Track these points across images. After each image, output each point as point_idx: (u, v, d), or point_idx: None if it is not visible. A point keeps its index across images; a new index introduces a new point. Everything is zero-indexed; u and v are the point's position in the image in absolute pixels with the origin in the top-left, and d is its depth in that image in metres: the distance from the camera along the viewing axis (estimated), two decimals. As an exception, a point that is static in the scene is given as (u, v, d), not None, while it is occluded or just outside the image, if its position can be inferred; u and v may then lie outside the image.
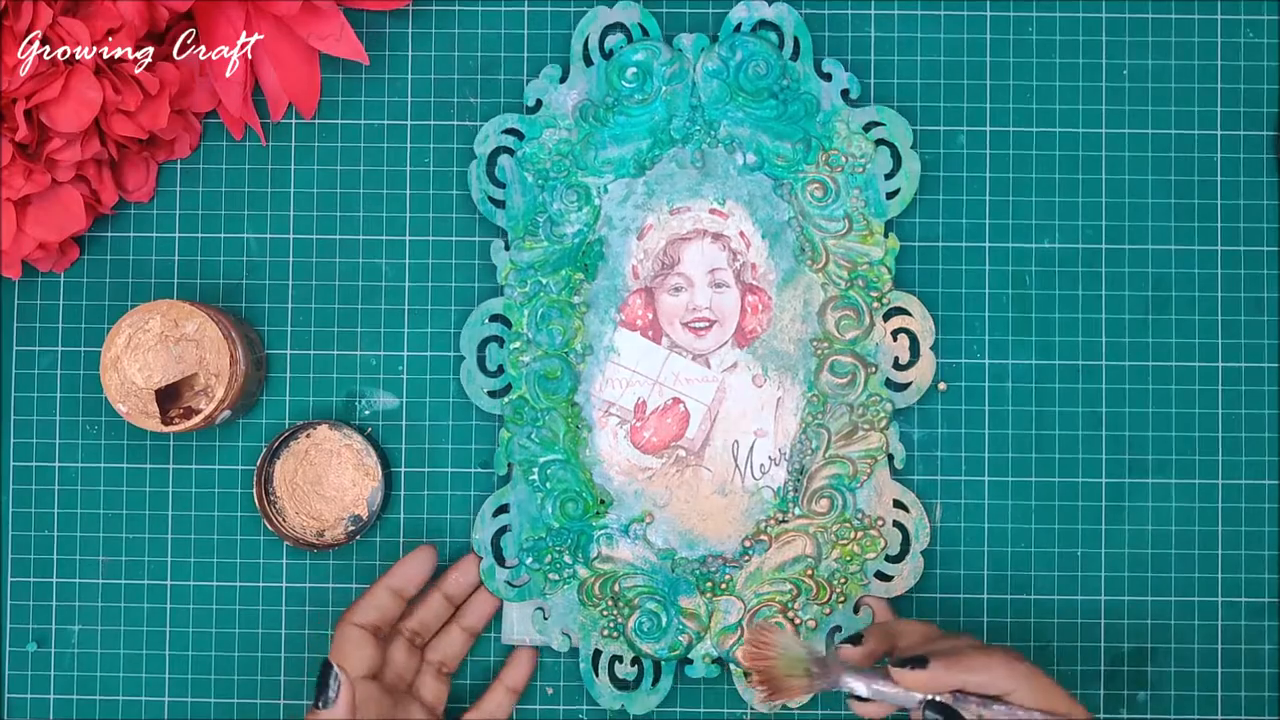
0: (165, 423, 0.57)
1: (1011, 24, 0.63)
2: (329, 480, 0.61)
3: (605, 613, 0.60)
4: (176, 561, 0.62)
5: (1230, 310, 0.62)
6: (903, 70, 0.62)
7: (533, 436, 0.61)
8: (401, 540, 0.62)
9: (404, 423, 0.62)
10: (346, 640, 0.56)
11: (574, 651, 0.61)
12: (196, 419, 0.57)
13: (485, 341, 0.61)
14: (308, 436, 0.61)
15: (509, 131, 0.62)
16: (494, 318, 0.61)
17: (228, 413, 0.59)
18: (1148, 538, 0.62)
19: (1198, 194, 0.63)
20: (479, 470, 0.62)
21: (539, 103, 0.62)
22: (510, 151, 0.61)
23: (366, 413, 0.62)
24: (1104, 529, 0.62)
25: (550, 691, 0.62)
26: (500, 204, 0.61)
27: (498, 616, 0.61)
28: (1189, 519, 0.62)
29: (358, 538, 0.61)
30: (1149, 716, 0.61)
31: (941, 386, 0.62)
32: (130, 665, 0.62)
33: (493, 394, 0.61)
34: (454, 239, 0.63)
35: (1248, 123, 0.63)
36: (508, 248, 0.61)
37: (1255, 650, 0.62)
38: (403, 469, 0.62)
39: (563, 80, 0.62)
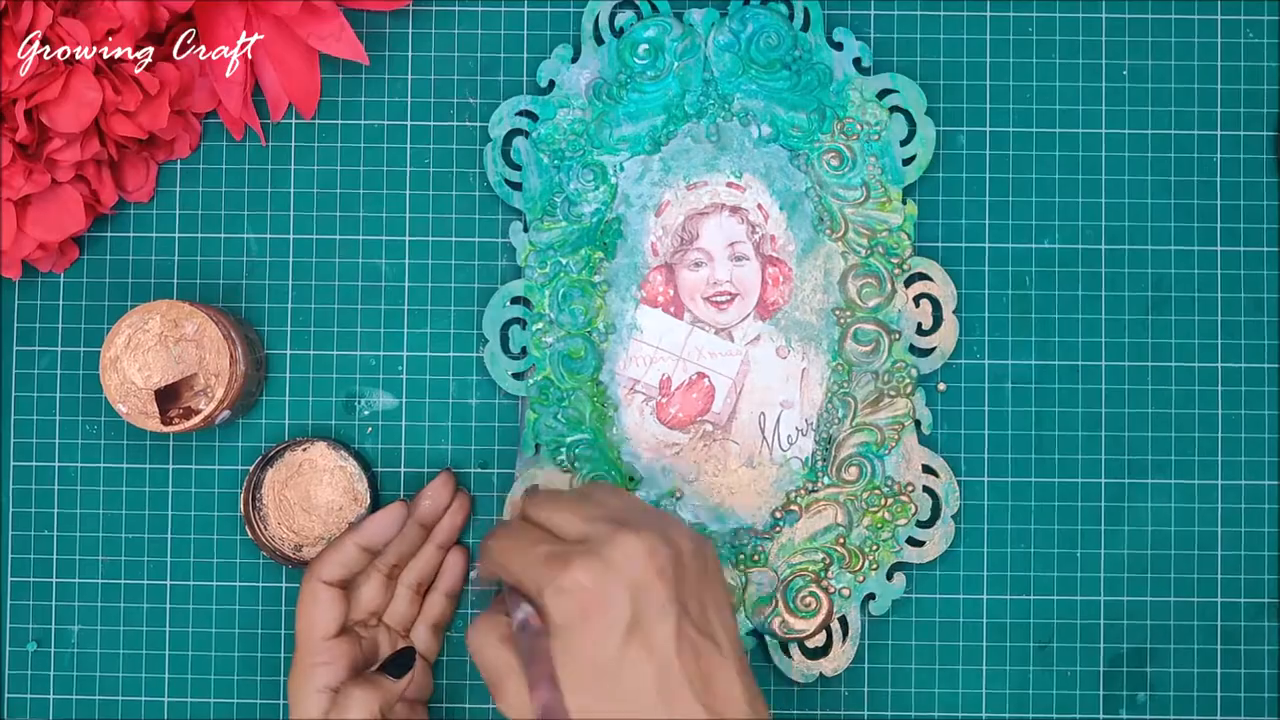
0: (165, 423, 0.57)
1: (1011, 24, 0.63)
2: (317, 497, 0.61)
3: None
4: (176, 561, 0.62)
5: (1230, 310, 0.62)
6: (902, 72, 0.62)
7: (559, 416, 0.61)
8: (401, 540, 0.62)
9: (404, 423, 0.62)
10: (316, 601, 0.56)
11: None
12: (196, 419, 0.57)
13: (508, 324, 0.61)
14: (304, 450, 0.61)
15: (523, 114, 0.62)
16: (515, 300, 0.61)
17: (227, 413, 0.59)
18: (1148, 538, 0.62)
19: (1198, 194, 0.63)
20: (478, 470, 0.62)
21: (551, 83, 0.62)
22: (525, 133, 0.62)
23: (366, 413, 0.62)
24: (1104, 529, 0.62)
25: (550, 691, 0.62)
26: (517, 186, 0.61)
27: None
28: (1189, 519, 0.62)
29: None
30: (1149, 717, 0.61)
31: (941, 387, 0.62)
32: (130, 665, 0.62)
33: (517, 376, 0.61)
34: (454, 239, 0.63)
35: (1248, 123, 0.63)
36: (526, 229, 0.61)
37: (1255, 650, 0.62)
38: (402, 469, 0.62)
39: (574, 60, 0.62)
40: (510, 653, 0.46)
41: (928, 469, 0.61)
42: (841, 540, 0.60)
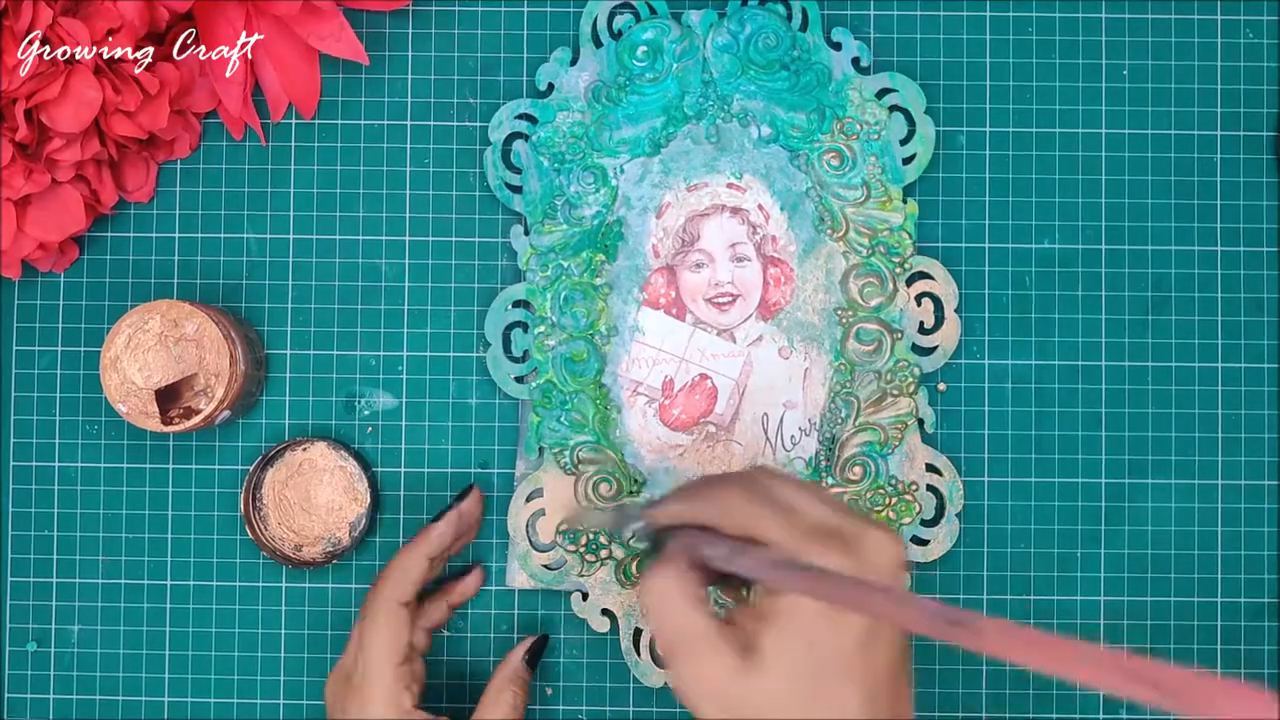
0: (165, 423, 0.57)
1: (1011, 24, 0.63)
2: (317, 497, 0.61)
3: None
4: (176, 561, 0.62)
5: (1230, 310, 0.62)
6: (901, 71, 0.62)
7: (562, 419, 0.61)
8: (401, 540, 0.62)
9: (404, 423, 0.62)
10: (394, 625, 0.54)
11: (598, 648, 0.61)
12: (196, 419, 0.57)
13: (510, 328, 0.61)
14: (304, 450, 0.61)
15: (523, 117, 0.62)
16: (517, 304, 0.61)
17: (227, 413, 0.59)
18: (1148, 538, 0.62)
19: (1198, 194, 0.63)
20: (478, 470, 0.62)
21: (550, 87, 0.62)
22: (524, 137, 0.62)
23: (366, 413, 0.62)
24: (1104, 529, 0.62)
25: (550, 692, 0.62)
26: (517, 189, 0.61)
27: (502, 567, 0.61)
28: (1189, 519, 0.62)
29: (334, 561, 0.61)
30: (1149, 716, 0.61)
31: (941, 387, 0.62)
32: (130, 665, 0.62)
33: (519, 379, 0.61)
34: (454, 239, 0.63)
35: (1248, 123, 0.63)
36: (527, 233, 0.61)
37: (1255, 650, 0.62)
38: (402, 469, 0.62)
39: (573, 63, 0.62)
40: (703, 617, 0.44)
41: (931, 468, 0.61)
42: None
